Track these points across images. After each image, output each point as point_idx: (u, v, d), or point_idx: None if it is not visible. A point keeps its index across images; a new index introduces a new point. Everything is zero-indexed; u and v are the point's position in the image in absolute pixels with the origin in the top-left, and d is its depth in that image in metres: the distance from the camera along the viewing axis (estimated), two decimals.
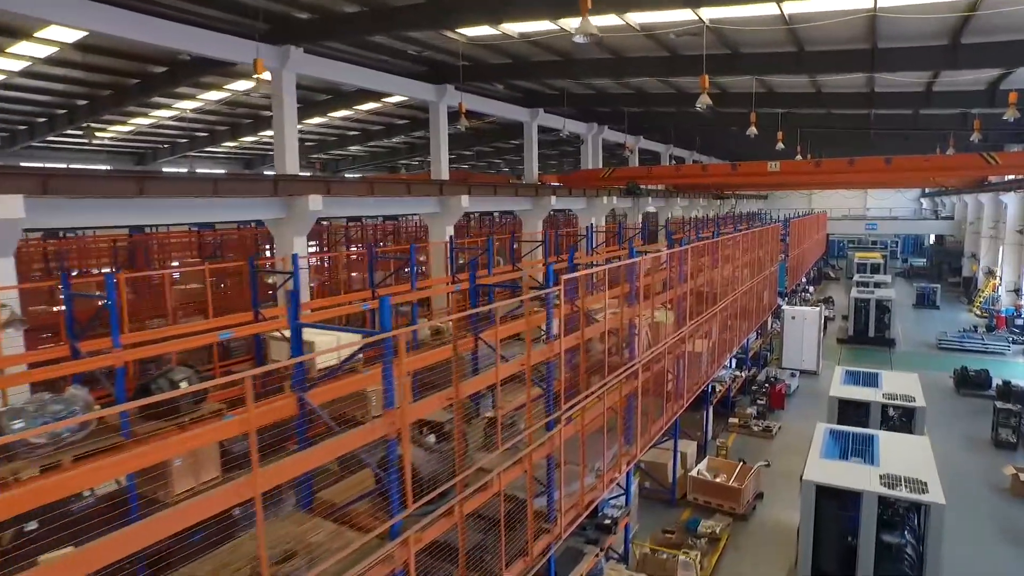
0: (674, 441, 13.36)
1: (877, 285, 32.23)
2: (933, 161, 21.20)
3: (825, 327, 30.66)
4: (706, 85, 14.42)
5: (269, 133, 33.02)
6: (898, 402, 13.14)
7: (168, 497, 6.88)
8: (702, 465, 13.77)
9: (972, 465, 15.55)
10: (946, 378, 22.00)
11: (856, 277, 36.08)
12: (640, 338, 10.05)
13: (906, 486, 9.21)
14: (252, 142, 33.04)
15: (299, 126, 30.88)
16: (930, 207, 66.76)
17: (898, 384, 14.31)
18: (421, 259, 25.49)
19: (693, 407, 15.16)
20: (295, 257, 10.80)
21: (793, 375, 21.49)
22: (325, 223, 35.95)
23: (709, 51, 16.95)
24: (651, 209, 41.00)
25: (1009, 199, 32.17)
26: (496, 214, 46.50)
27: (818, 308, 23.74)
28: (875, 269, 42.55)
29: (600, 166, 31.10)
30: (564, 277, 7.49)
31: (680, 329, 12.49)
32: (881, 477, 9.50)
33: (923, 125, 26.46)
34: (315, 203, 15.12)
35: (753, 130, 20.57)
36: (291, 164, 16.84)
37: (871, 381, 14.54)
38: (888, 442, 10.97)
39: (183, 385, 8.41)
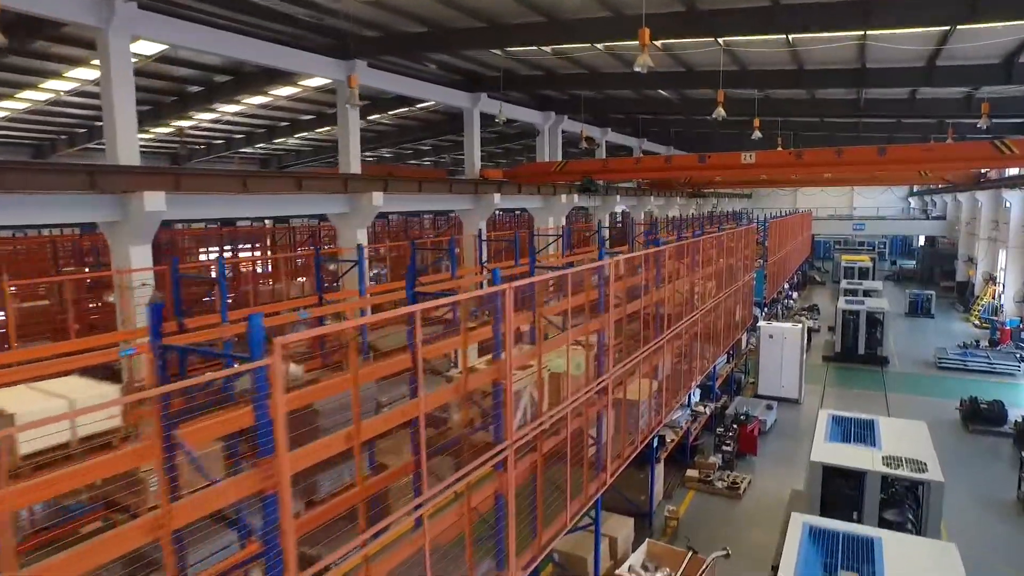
0: (596, 526, 9.67)
1: (867, 294, 28.79)
2: (935, 151, 17.68)
3: (809, 340, 27.16)
4: (647, 41, 10.78)
5: (162, 130, 29.30)
6: (904, 473, 9.55)
7: None
8: (637, 556, 10.09)
9: (998, 541, 11.98)
10: (951, 409, 18.50)
11: (844, 284, 32.51)
12: (508, 408, 6.37)
13: None
14: (149, 138, 28.96)
15: (211, 115, 27.41)
16: (919, 206, 63.70)
17: (902, 438, 10.76)
18: (331, 268, 21.76)
19: (636, 463, 11.56)
20: None
21: (770, 407, 17.90)
22: (253, 223, 32.14)
23: (660, 9, 13.42)
24: (624, 208, 37.51)
25: (1014, 197, 28.75)
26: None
27: (800, 325, 20.17)
28: (863, 274, 39.16)
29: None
30: (280, 340, 3.79)
31: (601, 377, 8.84)
32: None
33: (920, 111, 23.01)
34: (155, 202, 11.57)
35: (720, 112, 17.01)
36: (126, 153, 13.05)
37: (866, 435, 10.97)
38: (898, 552, 7.36)
39: None
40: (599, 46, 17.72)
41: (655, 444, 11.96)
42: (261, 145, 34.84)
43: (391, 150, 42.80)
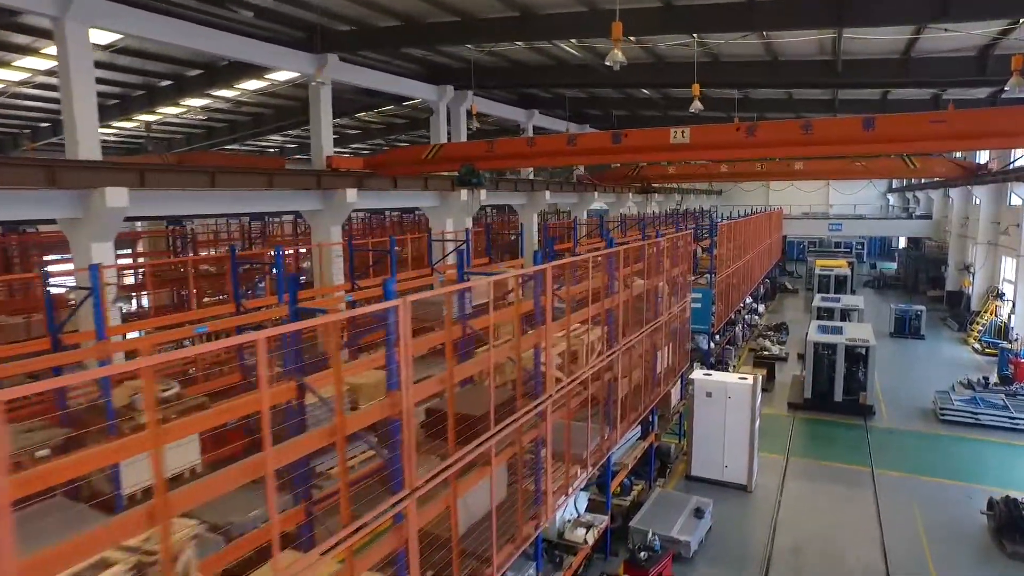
0: None
1: (845, 315, 22.83)
2: (952, 121, 11.54)
3: (772, 375, 21.15)
4: None
5: None
6: None
7: None
8: None
9: None
10: (971, 507, 12.54)
11: (818, 301, 26.12)
12: None
13: None
14: None
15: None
16: (899, 203, 58.29)
17: None
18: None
19: None
20: None
21: (699, 511, 11.67)
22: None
23: None
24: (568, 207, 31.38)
25: None
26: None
27: (749, 380, 13.99)
28: (840, 284, 33.24)
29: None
30: None
31: None
32: None
33: (917, 75, 16.92)
34: None
35: (618, 56, 10.88)
36: None
37: None
38: None
39: None
40: None
41: None
42: (104, 130, 28.19)
43: (292, 139, 36.22)
